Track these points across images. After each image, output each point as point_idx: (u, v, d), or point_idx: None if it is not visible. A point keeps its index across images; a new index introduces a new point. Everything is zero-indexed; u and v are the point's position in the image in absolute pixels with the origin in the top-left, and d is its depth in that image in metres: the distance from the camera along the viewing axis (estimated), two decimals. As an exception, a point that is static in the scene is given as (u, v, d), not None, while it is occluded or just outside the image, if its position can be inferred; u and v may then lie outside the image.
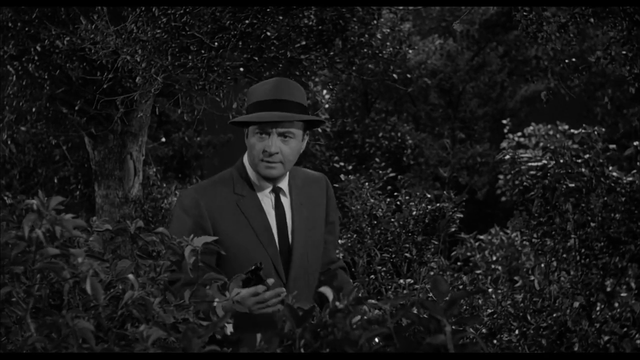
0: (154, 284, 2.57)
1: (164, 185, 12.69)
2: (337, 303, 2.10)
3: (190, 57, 8.22)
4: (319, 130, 19.82)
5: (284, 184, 4.11)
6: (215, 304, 2.63)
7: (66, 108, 10.67)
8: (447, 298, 1.97)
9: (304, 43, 8.82)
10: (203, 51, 8.26)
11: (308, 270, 4.11)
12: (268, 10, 8.25)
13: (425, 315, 1.98)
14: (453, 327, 1.94)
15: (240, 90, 10.67)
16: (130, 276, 2.48)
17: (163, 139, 19.68)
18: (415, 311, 2.00)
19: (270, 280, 3.68)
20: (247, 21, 8.13)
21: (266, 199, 4.06)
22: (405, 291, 8.61)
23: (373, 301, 2.18)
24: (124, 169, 10.88)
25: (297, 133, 3.98)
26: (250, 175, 4.05)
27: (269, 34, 8.43)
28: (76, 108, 10.20)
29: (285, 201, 4.11)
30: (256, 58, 8.68)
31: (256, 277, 3.70)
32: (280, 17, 8.42)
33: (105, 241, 2.60)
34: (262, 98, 3.97)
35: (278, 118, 3.91)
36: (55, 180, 14.43)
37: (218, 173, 4.22)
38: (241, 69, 8.85)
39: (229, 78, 8.53)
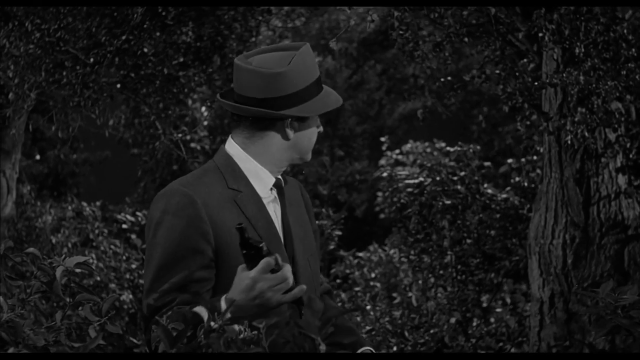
0: (24, 305, 2.50)
1: (39, 203, 12.48)
2: (212, 323, 2.08)
3: (64, 73, 8.08)
4: (198, 147, 19.71)
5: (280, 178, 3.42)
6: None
7: (-64, 125, 10.41)
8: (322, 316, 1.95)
9: (181, 60, 8.75)
10: (78, 67, 8.13)
11: (314, 281, 3.36)
12: (145, 26, 8.17)
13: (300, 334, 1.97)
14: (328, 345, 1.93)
15: (116, 107, 10.54)
16: (-1, 298, 2.42)
17: (38, 157, 19.32)
18: (290, 330, 1.99)
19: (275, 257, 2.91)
20: (123, 37, 8.03)
21: (268, 196, 3.33)
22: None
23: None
24: (-3, 188, 10.64)
25: None
26: (244, 167, 3.30)
27: (145, 50, 8.35)
28: (-53, 125, 9.96)
29: (282, 200, 3.39)
30: (133, 74, 8.58)
31: (253, 251, 2.85)
32: (158, 34, 8.35)
33: (-25, 262, 2.53)
34: (315, 77, 3.36)
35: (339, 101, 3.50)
36: None
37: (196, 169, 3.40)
38: (117, 86, 8.72)
39: (105, 94, 8.41)
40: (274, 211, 3.33)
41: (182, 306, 3.01)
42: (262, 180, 3.30)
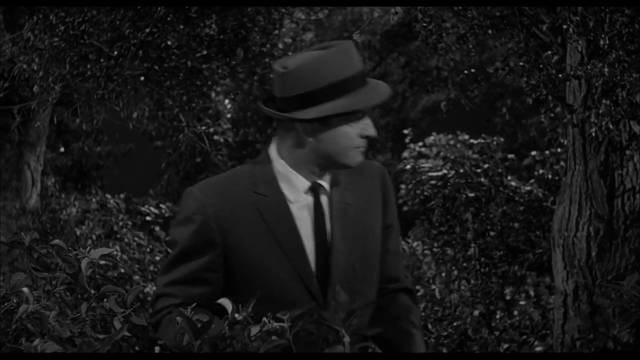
0: (49, 297, 2.52)
1: (63, 196, 12.53)
2: (236, 315, 2.08)
3: (89, 66, 8.10)
4: (221, 140, 19.75)
5: (325, 179, 3.29)
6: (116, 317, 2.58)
7: (-39, 117, 10.46)
8: (347, 309, 1.96)
9: (205, 52, 8.76)
10: (102, 60, 8.15)
11: (355, 287, 3.23)
12: (168, 19, 8.18)
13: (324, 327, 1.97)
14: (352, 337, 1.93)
15: (140, 100, 10.56)
16: (25, 289, 2.43)
17: (62, 149, 19.38)
18: (314, 322, 1.99)
19: None
20: (147, 30, 8.05)
21: (300, 201, 3.24)
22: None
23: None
24: (21, 180, 10.68)
25: None
26: (276, 170, 3.23)
27: (169, 43, 8.36)
28: (-29, 118, 10.01)
29: (324, 201, 3.28)
30: (156, 67, 8.59)
31: None
32: (181, 26, 8.36)
33: (1, 254, 2.55)
34: (347, 74, 3.15)
35: (388, 94, 3.29)
36: (-49, 191, 14.11)
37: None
38: (141, 78, 8.73)
39: (128, 87, 8.43)
40: (309, 215, 3.24)
41: (178, 310, 3.07)
42: (293, 184, 3.24)
